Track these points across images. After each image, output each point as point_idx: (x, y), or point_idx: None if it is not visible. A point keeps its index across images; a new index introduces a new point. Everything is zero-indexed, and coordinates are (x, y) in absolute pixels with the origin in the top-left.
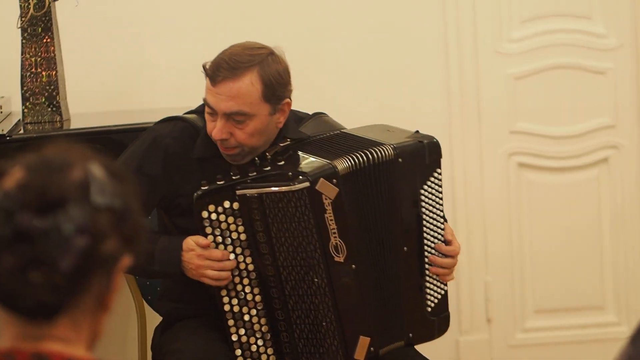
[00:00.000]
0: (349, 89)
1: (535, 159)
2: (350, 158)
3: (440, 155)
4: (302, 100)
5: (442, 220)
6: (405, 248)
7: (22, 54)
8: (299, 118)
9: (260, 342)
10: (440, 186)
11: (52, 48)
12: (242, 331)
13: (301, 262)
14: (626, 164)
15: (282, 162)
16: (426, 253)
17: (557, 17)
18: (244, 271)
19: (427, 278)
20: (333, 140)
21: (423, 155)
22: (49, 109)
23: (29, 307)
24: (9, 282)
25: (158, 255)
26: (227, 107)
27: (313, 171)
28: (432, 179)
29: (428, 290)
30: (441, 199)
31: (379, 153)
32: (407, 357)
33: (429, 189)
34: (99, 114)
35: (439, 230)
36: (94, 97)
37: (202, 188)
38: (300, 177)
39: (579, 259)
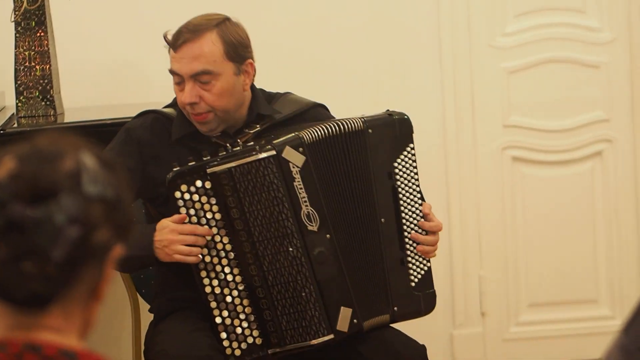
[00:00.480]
0: (342, 84)
1: (529, 152)
2: (316, 129)
3: (411, 131)
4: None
5: (419, 195)
6: (382, 219)
7: (15, 48)
8: (269, 96)
9: (245, 324)
10: (415, 161)
11: (46, 42)
12: (225, 313)
13: (275, 233)
14: (620, 157)
15: (252, 143)
16: (405, 227)
17: (551, 10)
18: (222, 251)
19: (409, 252)
20: (303, 123)
21: (393, 127)
22: (43, 103)
23: (21, 297)
24: (0, 272)
25: (131, 240)
26: (191, 68)
27: (279, 141)
28: (406, 152)
29: (410, 265)
30: (416, 174)
31: (348, 124)
32: (394, 337)
33: (403, 163)
34: (92, 108)
35: (417, 205)
36: (88, 91)
37: (174, 169)
38: (267, 147)
39: (572, 252)
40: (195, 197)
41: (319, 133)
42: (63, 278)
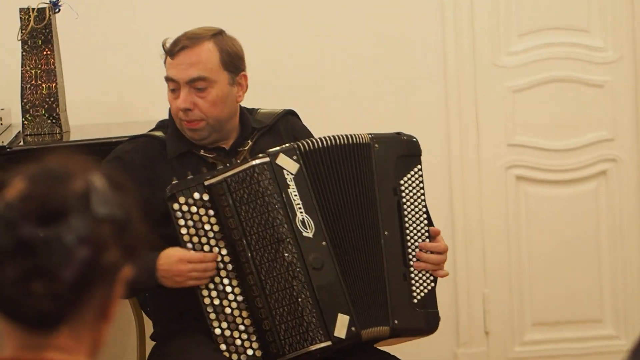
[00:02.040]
0: (348, 101)
1: (533, 172)
2: (314, 140)
3: (419, 153)
4: (299, 112)
5: (425, 216)
6: (385, 232)
7: (22, 66)
8: (248, 111)
9: (244, 336)
10: (422, 182)
11: (52, 60)
12: (224, 325)
13: (270, 239)
14: (624, 177)
15: (248, 157)
16: (409, 244)
17: (555, 30)
18: (220, 263)
19: (412, 269)
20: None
21: (401, 146)
22: (49, 121)
23: (30, 317)
24: (10, 292)
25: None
26: (188, 74)
27: (273, 150)
28: (413, 172)
29: (413, 282)
30: (423, 194)
31: (354, 137)
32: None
33: (409, 182)
34: (98, 126)
35: (422, 225)
36: (94, 109)
37: (173, 183)
38: (260, 154)
39: (577, 271)
40: (194, 208)
41: (317, 144)
42: (73, 298)
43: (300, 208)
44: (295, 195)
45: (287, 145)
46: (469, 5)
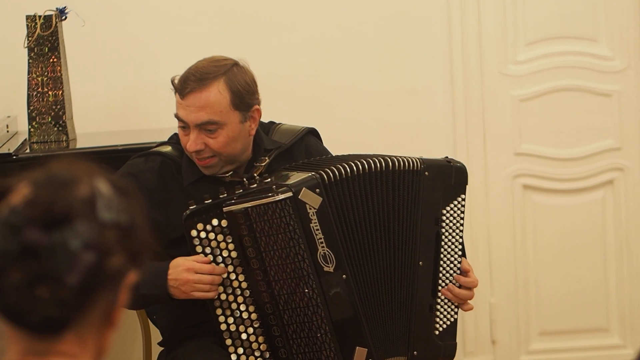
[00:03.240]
0: (355, 109)
1: (540, 180)
2: (347, 166)
3: (466, 182)
4: (308, 121)
5: (460, 247)
6: (420, 262)
7: (28, 74)
8: (265, 127)
9: None
10: (463, 212)
11: (59, 68)
12: (240, 350)
13: (291, 274)
14: (631, 186)
15: (269, 180)
16: (441, 275)
17: (562, 39)
18: (238, 289)
19: (439, 300)
20: (334, 158)
21: (450, 175)
22: (55, 129)
23: (35, 322)
24: (15, 297)
25: (143, 279)
26: (197, 117)
27: (296, 182)
28: (456, 202)
29: (438, 313)
30: (462, 225)
31: (405, 162)
32: None
33: (452, 211)
34: (105, 134)
35: (457, 256)
36: (100, 116)
37: (190, 207)
38: (283, 188)
39: (583, 281)
40: (212, 235)
41: (346, 171)
42: (77, 303)
43: (322, 242)
44: (317, 230)
45: (308, 176)
46: (476, 14)
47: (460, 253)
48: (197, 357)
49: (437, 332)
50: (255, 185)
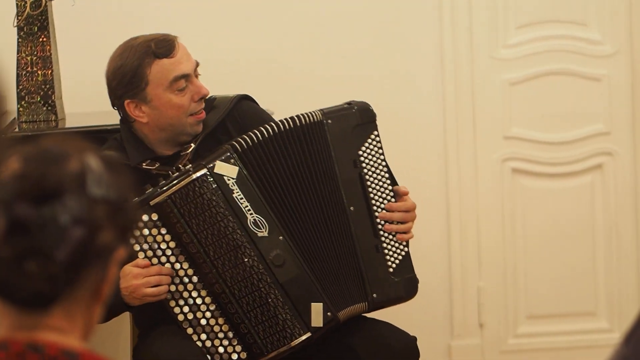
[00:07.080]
0: (344, 93)
1: (529, 164)
2: (258, 132)
3: (374, 119)
4: (297, 104)
5: (388, 181)
6: (351, 208)
7: (17, 53)
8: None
9: (225, 342)
10: (381, 147)
11: (48, 47)
12: (203, 336)
13: (228, 248)
14: (620, 170)
15: (189, 166)
16: (376, 214)
17: (552, 23)
18: (185, 277)
19: (383, 239)
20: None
21: (353, 116)
22: (44, 108)
23: (24, 296)
24: (4, 272)
25: None
26: (193, 62)
27: (210, 158)
28: (370, 140)
29: (386, 251)
30: (384, 159)
31: (304, 117)
32: (385, 329)
33: (368, 150)
34: (94, 114)
35: (387, 191)
36: (90, 96)
37: None
38: (198, 167)
39: (572, 265)
40: (146, 231)
41: (256, 136)
42: (66, 278)
43: (249, 210)
44: (242, 199)
45: (222, 148)
46: None
47: (389, 188)
48: (170, 340)
49: (391, 270)
50: (177, 174)
